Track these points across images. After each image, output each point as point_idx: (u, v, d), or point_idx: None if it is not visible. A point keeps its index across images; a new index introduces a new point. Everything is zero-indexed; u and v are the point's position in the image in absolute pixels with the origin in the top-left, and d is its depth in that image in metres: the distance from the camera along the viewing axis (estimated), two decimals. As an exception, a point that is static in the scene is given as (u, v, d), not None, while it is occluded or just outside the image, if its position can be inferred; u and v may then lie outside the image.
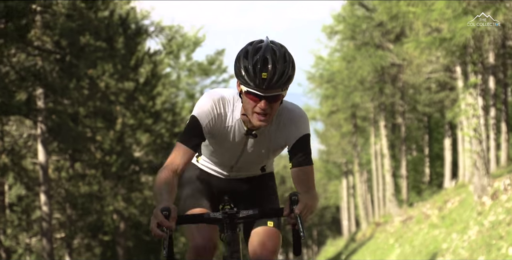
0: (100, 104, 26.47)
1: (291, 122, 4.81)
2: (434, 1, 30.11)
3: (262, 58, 4.47)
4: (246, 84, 4.52)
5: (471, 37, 30.96)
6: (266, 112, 4.59)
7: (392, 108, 54.66)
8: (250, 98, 4.57)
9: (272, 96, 4.55)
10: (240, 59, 4.54)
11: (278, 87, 4.53)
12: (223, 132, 4.84)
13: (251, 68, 4.47)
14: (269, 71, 4.46)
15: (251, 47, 4.56)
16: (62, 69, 18.98)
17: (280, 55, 4.54)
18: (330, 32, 54.35)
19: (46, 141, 25.36)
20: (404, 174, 52.76)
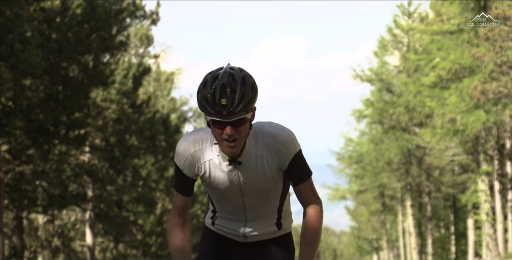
0: (142, 191, 29.30)
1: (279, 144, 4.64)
2: (449, 96, 33.01)
3: (220, 85, 4.40)
4: (208, 113, 4.45)
5: (482, 129, 33.80)
6: (234, 137, 4.46)
7: (418, 188, 57.02)
8: (215, 126, 4.47)
9: (236, 121, 4.44)
10: (200, 90, 4.48)
11: (240, 111, 4.42)
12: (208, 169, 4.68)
13: (210, 96, 4.40)
14: (228, 97, 4.38)
15: (209, 76, 4.50)
16: (111, 165, 21.94)
17: (239, 79, 4.45)
18: (359, 116, 57.23)
19: (93, 225, 28.33)
20: (430, 252, 54.91)
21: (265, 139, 4.63)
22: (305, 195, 4.76)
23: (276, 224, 4.95)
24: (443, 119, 33.90)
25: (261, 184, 4.71)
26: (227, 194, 4.76)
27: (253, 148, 4.62)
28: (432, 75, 34.02)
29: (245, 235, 4.92)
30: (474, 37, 31.35)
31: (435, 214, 60.20)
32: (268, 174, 4.68)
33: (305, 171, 4.73)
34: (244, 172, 4.66)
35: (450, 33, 33.87)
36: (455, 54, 32.64)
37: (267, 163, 4.65)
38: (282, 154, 4.63)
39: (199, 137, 4.65)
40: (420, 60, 36.46)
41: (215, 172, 4.67)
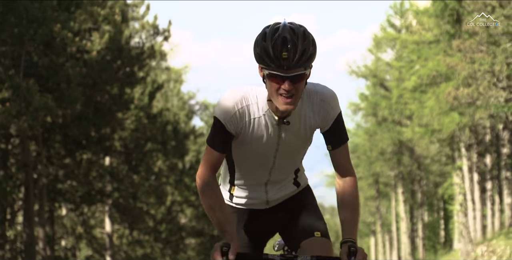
0: (154, 184, 33.54)
1: (324, 103, 4.53)
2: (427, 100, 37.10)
3: (281, 38, 4.24)
4: (267, 66, 4.28)
5: (457, 129, 37.91)
6: (291, 94, 4.31)
7: (410, 176, 61.18)
8: (272, 80, 4.31)
9: (295, 76, 4.29)
10: (259, 42, 4.32)
11: (300, 66, 4.27)
12: (251, 127, 4.53)
13: (270, 49, 4.24)
14: (289, 50, 4.23)
15: (268, 29, 4.34)
16: (130, 168, 26.23)
17: (299, 33, 4.29)
18: (354, 109, 61.31)
19: (111, 215, 32.67)
20: (420, 235, 59.24)
21: (310, 98, 4.51)
22: (343, 161, 4.64)
23: (294, 184, 4.90)
24: (422, 120, 37.96)
25: (298, 144, 4.61)
26: (262, 154, 4.59)
27: (299, 107, 4.47)
28: (413, 79, 38.07)
29: (268, 200, 4.82)
30: (449, 48, 35.21)
31: (427, 200, 64.32)
32: (307, 134, 4.57)
33: (345, 133, 4.65)
34: (287, 131, 4.52)
35: (429, 43, 37.85)
36: (432, 62, 36.60)
37: (309, 123, 4.53)
38: (327, 112, 4.52)
39: (246, 94, 4.49)
40: (402, 67, 40.52)
41: (258, 130, 4.51)
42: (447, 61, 34.80)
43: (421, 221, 60.55)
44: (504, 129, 39.89)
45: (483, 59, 32.40)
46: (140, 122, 25.65)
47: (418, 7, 38.86)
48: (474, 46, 33.34)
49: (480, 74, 32.51)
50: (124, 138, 25.15)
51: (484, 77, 32.54)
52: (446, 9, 35.88)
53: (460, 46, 34.02)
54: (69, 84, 17.66)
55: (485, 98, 32.93)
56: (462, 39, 34.08)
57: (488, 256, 34.10)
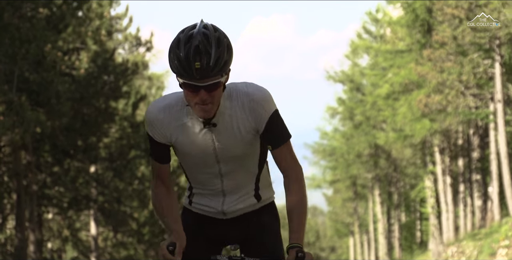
0: (137, 189, 34.92)
1: (255, 103, 4.29)
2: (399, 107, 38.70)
3: (194, 46, 4.02)
4: (181, 75, 4.06)
5: (428, 135, 39.54)
6: (208, 102, 4.11)
7: (386, 178, 62.84)
8: (188, 90, 4.11)
9: (210, 85, 4.07)
10: (173, 50, 4.08)
11: (214, 75, 4.05)
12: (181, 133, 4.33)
13: (183, 58, 4.02)
14: (202, 60, 4.01)
15: (182, 35, 4.11)
16: (115, 175, 27.66)
17: (214, 40, 4.07)
18: (332, 113, 62.96)
19: (96, 218, 34.10)
20: (397, 236, 60.94)
21: (240, 99, 4.32)
22: (284, 160, 4.38)
23: (255, 196, 4.59)
24: (395, 125, 39.54)
25: (237, 148, 4.37)
26: (202, 161, 4.41)
27: (228, 109, 4.31)
28: (386, 87, 39.64)
29: (224, 211, 4.57)
30: (420, 57, 36.81)
31: (404, 201, 66.01)
32: (244, 136, 4.35)
33: (283, 133, 4.37)
34: (219, 134, 4.33)
35: (401, 52, 39.44)
36: (404, 70, 38.22)
37: (243, 124, 4.33)
38: (258, 114, 4.31)
39: (168, 103, 4.33)
40: (376, 75, 42.13)
41: (188, 136, 4.35)
42: (418, 70, 36.39)
43: (398, 222, 62.27)
44: (474, 134, 41.53)
45: (452, 69, 34.03)
46: (124, 131, 27.08)
47: (391, 17, 40.45)
48: (444, 55, 35.02)
49: (449, 83, 34.14)
50: (109, 146, 26.57)
51: (452, 85, 34.17)
52: (417, 19, 37.43)
53: (430, 56, 35.67)
54: (59, 99, 19.09)
55: (454, 105, 34.56)
56: (432, 49, 35.73)
57: (458, 256, 35.69)
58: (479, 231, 34.90)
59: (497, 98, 33.43)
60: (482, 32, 32.08)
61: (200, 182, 4.56)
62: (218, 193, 4.56)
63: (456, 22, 32.98)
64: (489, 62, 33.74)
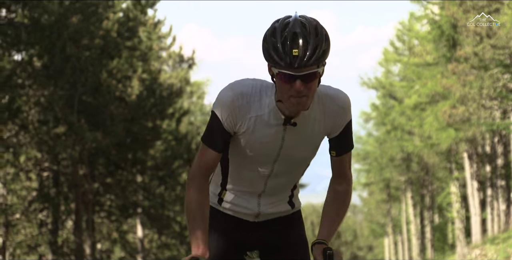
0: (180, 194, 37.71)
1: (338, 108, 4.12)
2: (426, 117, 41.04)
3: (291, 34, 3.84)
4: (276, 64, 3.86)
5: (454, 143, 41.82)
6: (303, 94, 3.88)
7: (419, 181, 65.13)
8: (282, 80, 3.87)
9: (307, 75, 3.86)
10: (268, 39, 3.91)
11: (312, 64, 3.85)
12: (253, 125, 4.06)
13: (280, 46, 3.84)
14: (300, 47, 3.82)
15: (278, 24, 3.92)
16: (161, 183, 30.52)
17: (311, 28, 3.88)
18: (366, 118, 65.38)
19: (143, 222, 36.99)
20: (429, 237, 63.27)
21: (323, 101, 4.12)
22: (344, 167, 4.29)
23: (289, 203, 4.43)
24: (422, 134, 41.92)
25: (302, 150, 4.18)
26: (260, 158, 4.16)
27: (309, 110, 4.07)
28: (414, 98, 42.03)
29: (259, 213, 4.35)
30: (445, 71, 39.05)
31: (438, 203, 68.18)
32: (315, 140, 4.17)
33: (350, 142, 4.27)
34: (292, 134, 4.11)
35: (428, 65, 41.75)
36: (431, 83, 40.52)
37: (319, 126, 4.14)
38: (339, 118, 4.15)
39: (248, 90, 4.05)
40: (403, 87, 44.53)
41: (260, 130, 4.07)
42: (443, 83, 38.63)
43: (431, 223, 64.50)
44: (498, 142, 43.69)
45: (474, 82, 36.25)
46: (169, 144, 29.89)
47: (418, 32, 42.77)
48: (467, 70, 37.25)
49: (470, 96, 36.37)
50: (155, 157, 29.41)
51: (474, 98, 36.40)
52: (443, 35, 39.66)
53: (454, 70, 37.94)
54: (113, 121, 21.92)
55: (476, 117, 36.80)
56: (457, 63, 37.98)
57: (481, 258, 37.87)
58: (499, 236, 37.16)
59: (516, 110, 35.66)
60: (501, 49, 34.27)
61: (242, 179, 4.28)
62: (255, 193, 4.33)
63: (478, 39, 35.19)
64: (508, 77, 35.95)
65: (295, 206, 4.51)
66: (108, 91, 21.71)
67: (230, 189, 4.37)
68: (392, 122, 58.29)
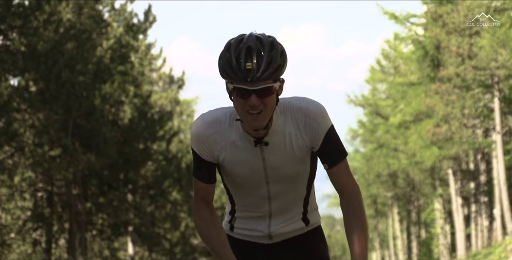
0: (170, 212, 38.54)
1: (310, 119, 4.00)
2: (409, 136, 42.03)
3: (246, 48, 3.81)
4: (231, 79, 3.83)
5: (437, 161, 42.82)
6: (259, 109, 3.82)
7: (405, 197, 66.10)
8: (238, 95, 3.84)
9: (262, 90, 3.81)
10: (222, 54, 3.88)
11: (266, 78, 3.79)
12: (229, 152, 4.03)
13: (234, 60, 3.80)
14: (254, 61, 3.78)
15: (233, 40, 3.90)
16: (151, 202, 31.36)
17: (266, 42, 3.85)
18: (353, 135, 66.40)
19: (134, 240, 37.79)
20: (415, 252, 64.17)
21: (293, 115, 4.02)
22: (342, 179, 4.10)
23: (303, 220, 4.28)
24: (407, 152, 42.94)
25: (289, 167, 4.07)
26: (251, 182, 4.11)
27: (281, 126, 4.00)
28: (399, 117, 43.07)
29: (271, 234, 4.25)
30: (429, 90, 40.07)
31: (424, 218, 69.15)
32: (297, 155, 4.05)
33: (340, 150, 4.08)
34: (271, 154, 4.04)
35: (412, 85, 42.80)
36: (415, 102, 41.56)
37: (297, 142, 4.03)
38: (314, 130, 4.01)
39: (216, 117, 4.03)
40: (389, 106, 45.58)
41: (237, 155, 4.04)
42: (427, 102, 39.66)
43: (417, 238, 65.42)
44: (481, 160, 44.71)
45: (456, 102, 37.28)
46: (159, 163, 30.79)
47: (403, 53, 43.85)
48: (450, 89, 38.28)
49: (453, 116, 37.40)
50: (146, 176, 30.31)
51: (456, 117, 37.43)
52: (427, 55, 40.68)
53: (438, 89, 38.98)
54: (106, 144, 22.83)
55: (458, 136, 37.82)
56: (440, 83, 39.01)
57: (464, 273, 38.94)
58: (480, 251, 38.14)
59: (497, 130, 36.69)
60: (482, 70, 35.33)
61: (246, 204, 4.24)
62: (264, 216, 4.25)
63: (459, 60, 36.25)
64: (489, 97, 37.04)
65: (310, 223, 4.33)
66: (101, 115, 22.65)
67: (238, 216, 4.33)
68: (378, 139, 59.35)
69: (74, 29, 22.92)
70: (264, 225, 4.25)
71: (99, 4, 24.96)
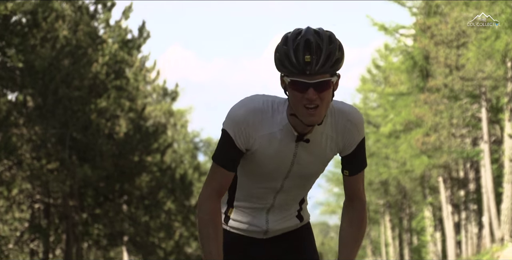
0: (164, 221, 39.22)
1: (351, 124, 3.95)
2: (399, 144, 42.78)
3: (304, 41, 3.75)
4: (288, 72, 3.76)
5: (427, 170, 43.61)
6: (316, 104, 3.73)
7: (397, 205, 66.82)
8: (295, 89, 3.74)
9: (320, 83, 3.72)
10: (279, 48, 3.81)
11: (325, 71, 3.72)
12: (265, 142, 3.93)
13: (292, 53, 3.73)
14: (313, 54, 3.71)
15: (290, 34, 3.83)
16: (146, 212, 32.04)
17: (325, 36, 3.79)
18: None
19: (129, 248, 38.46)
20: (407, 259, 64.86)
21: (334, 117, 3.96)
22: (356, 187, 4.16)
23: (297, 217, 4.29)
24: (397, 161, 43.70)
25: (313, 167, 4.05)
26: (271, 174, 4.03)
27: (321, 126, 3.93)
28: (389, 126, 43.85)
29: (267, 230, 4.23)
30: (418, 100, 40.84)
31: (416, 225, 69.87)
32: (327, 157, 4.02)
33: (364, 160, 4.13)
34: (304, 151, 3.97)
35: (401, 95, 43.58)
36: (405, 111, 42.33)
37: (331, 144, 3.98)
38: (352, 135, 3.98)
39: (260, 106, 3.92)
40: (379, 116, 46.36)
41: (272, 147, 3.94)
42: (416, 112, 40.43)
43: (409, 245, 66.10)
44: (470, 168, 45.47)
45: (444, 112, 38.07)
46: (154, 175, 31.49)
47: (392, 63, 44.65)
48: (439, 99, 39.06)
49: (441, 126, 38.19)
50: (141, 187, 31.00)
51: (444, 127, 38.21)
52: (416, 66, 41.47)
53: (426, 99, 39.75)
54: (102, 157, 23.53)
55: (447, 145, 38.60)
56: (429, 93, 39.78)
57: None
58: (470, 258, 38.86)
59: (484, 139, 37.48)
60: (469, 81, 36.12)
61: (250, 195, 4.15)
62: (263, 210, 4.20)
63: (447, 71, 37.03)
64: (477, 107, 37.84)
65: (303, 219, 4.35)
66: (97, 129, 23.39)
67: (237, 206, 4.21)
68: (370, 148, 60.04)
69: (70, 46, 23.63)
70: (262, 221, 4.22)
71: (94, 21, 25.76)
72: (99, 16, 26.04)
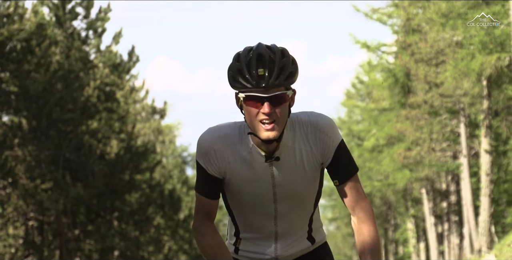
0: (153, 236, 40.29)
1: (320, 133, 3.86)
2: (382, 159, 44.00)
3: (256, 55, 3.71)
4: (242, 87, 3.71)
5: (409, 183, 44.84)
6: (273, 119, 3.68)
7: (382, 216, 67.99)
8: (250, 104, 3.72)
9: (275, 97, 3.69)
10: (232, 65, 3.76)
11: (279, 84, 3.68)
12: (237, 167, 3.87)
13: (245, 67, 3.69)
14: (266, 66, 3.68)
15: (241, 51, 3.79)
16: (136, 228, 33.14)
17: (277, 50, 3.76)
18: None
19: (119, 263, 39.34)
20: (392, 271, 66.04)
21: (303, 129, 3.88)
22: (353, 196, 3.97)
23: (308, 239, 4.14)
24: (380, 175, 44.96)
25: (298, 184, 3.92)
26: (258, 200, 3.95)
27: (290, 141, 3.86)
28: (371, 141, 45.11)
29: (277, 257, 4.10)
30: (399, 116, 42.09)
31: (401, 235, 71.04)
32: (307, 171, 3.90)
33: (352, 164, 3.96)
34: (280, 170, 3.88)
35: (384, 110, 44.87)
36: (387, 127, 43.59)
37: (307, 157, 3.89)
38: (325, 144, 3.87)
39: (226, 131, 3.88)
40: (362, 131, 47.62)
41: (245, 171, 3.88)
42: (398, 127, 41.65)
43: (394, 255, 67.18)
44: (452, 180, 46.74)
45: (424, 127, 39.31)
46: (143, 191, 32.64)
47: (375, 80, 45.93)
48: (419, 115, 40.32)
49: (421, 141, 39.44)
50: (131, 203, 32.14)
51: (424, 142, 39.44)
52: (397, 82, 42.69)
53: (408, 115, 41.00)
54: (94, 177, 24.67)
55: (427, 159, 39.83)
56: (410, 109, 41.04)
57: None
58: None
59: (463, 153, 38.74)
60: (448, 97, 37.39)
61: (251, 225, 4.08)
62: (270, 237, 4.10)
63: (427, 88, 38.31)
64: (456, 122, 39.12)
65: (315, 241, 4.17)
66: (89, 150, 24.57)
67: (243, 237, 4.13)
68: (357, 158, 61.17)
69: (62, 70, 24.77)
70: (271, 249, 4.10)
71: (85, 46, 26.95)
72: (90, 42, 27.27)
